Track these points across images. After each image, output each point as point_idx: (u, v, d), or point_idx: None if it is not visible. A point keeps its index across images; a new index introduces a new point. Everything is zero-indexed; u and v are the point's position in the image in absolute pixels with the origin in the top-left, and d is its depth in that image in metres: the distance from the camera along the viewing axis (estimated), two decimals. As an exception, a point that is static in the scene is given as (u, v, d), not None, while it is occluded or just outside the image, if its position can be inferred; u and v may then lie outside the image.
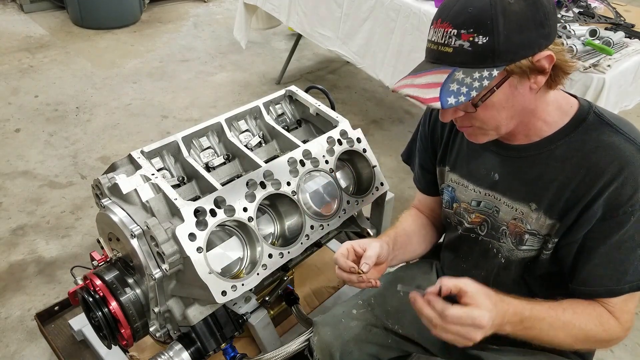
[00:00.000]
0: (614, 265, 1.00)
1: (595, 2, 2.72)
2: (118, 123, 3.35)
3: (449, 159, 1.25)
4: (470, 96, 0.91)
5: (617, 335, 1.03)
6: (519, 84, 0.95)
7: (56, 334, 1.72)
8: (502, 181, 1.12)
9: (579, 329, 1.00)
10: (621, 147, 0.97)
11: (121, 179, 1.24)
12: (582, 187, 1.00)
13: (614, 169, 0.96)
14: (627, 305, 1.03)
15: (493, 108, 0.97)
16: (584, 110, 1.04)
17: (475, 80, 0.91)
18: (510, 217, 1.12)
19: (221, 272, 1.19)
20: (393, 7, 2.66)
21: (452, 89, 0.91)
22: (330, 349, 1.25)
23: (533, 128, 1.05)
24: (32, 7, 4.82)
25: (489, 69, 0.91)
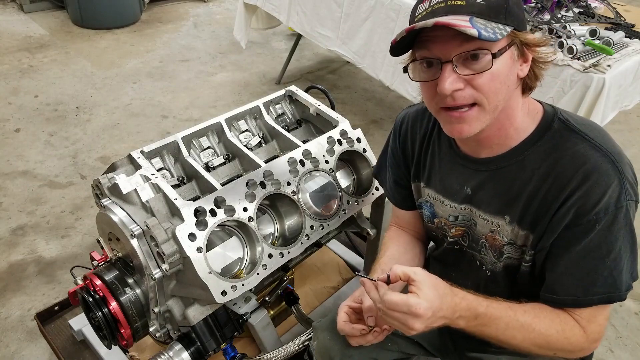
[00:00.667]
0: (580, 275, 0.98)
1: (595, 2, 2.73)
2: (118, 123, 3.35)
3: (423, 175, 1.22)
4: (497, 37, 0.86)
5: (582, 347, 1.01)
6: (515, 61, 0.95)
7: (56, 334, 1.72)
8: (475, 195, 1.10)
9: (539, 334, 0.98)
10: (586, 154, 0.96)
11: (121, 179, 1.24)
12: (549, 197, 0.98)
13: (579, 177, 0.95)
14: (596, 317, 1.00)
15: (498, 78, 0.92)
16: (549, 116, 1.02)
17: (495, 28, 0.88)
18: (488, 230, 1.11)
19: (221, 272, 1.19)
20: (393, 7, 2.66)
21: (480, 25, 0.86)
22: (330, 353, 1.24)
23: (503, 134, 1.02)
24: (32, 7, 4.82)
25: (502, 24, 0.89)
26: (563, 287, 1.00)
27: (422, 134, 1.21)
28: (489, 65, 0.90)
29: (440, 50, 0.91)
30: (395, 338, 1.28)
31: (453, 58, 0.90)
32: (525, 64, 0.95)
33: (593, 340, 1.02)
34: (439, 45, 0.91)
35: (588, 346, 1.02)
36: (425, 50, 0.94)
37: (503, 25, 0.89)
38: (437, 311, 0.92)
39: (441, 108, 0.97)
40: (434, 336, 1.32)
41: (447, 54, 0.91)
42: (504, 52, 0.91)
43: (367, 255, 1.84)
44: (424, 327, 0.92)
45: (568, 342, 0.99)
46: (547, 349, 1.00)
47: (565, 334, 0.99)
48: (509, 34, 0.90)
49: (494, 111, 0.96)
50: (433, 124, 1.19)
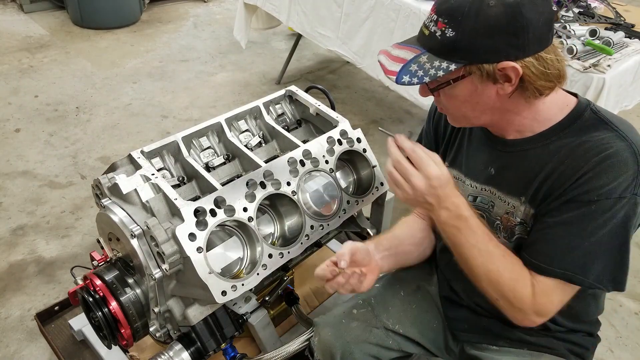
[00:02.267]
0: (555, 247, 1.00)
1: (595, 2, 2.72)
2: (118, 123, 3.35)
3: (449, 155, 1.26)
4: (422, 80, 0.96)
5: (523, 308, 1.02)
6: (481, 85, 0.97)
7: (56, 334, 1.72)
8: (498, 175, 1.13)
9: (496, 270, 1.02)
10: (611, 142, 0.96)
11: (121, 179, 1.24)
12: (562, 177, 1.00)
13: (598, 159, 0.95)
14: (550, 292, 1.01)
15: (455, 99, 1.01)
16: (581, 107, 1.04)
17: (432, 68, 0.95)
18: (503, 212, 1.13)
19: (221, 272, 1.19)
20: (393, 7, 2.66)
21: (411, 69, 0.97)
22: (331, 349, 1.24)
23: (521, 125, 1.05)
24: (32, 7, 4.82)
25: (448, 62, 0.95)
26: (534, 252, 1.03)
27: None
28: (428, 94, 1.04)
29: None
30: (396, 337, 1.29)
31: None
32: (508, 83, 0.96)
33: (537, 312, 1.02)
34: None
35: (532, 314, 1.03)
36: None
37: (448, 62, 0.95)
38: (437, 187, 0.99)
39: None
40: (435, 335, 1.32)
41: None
42: (452, 84, 0.98)
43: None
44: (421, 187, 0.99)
45: (514, 294, 1.02)
46: (495, 287, 1.03)
47: (515, 285, 1.02)
48: (463, 67, 0.95)
49: (464, 118, 1.06)
50: None
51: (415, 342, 1.30)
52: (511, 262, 1.04)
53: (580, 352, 1.21)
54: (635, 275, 2.45)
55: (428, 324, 1.32)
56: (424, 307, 1.33)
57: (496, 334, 1.23)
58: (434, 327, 1.32)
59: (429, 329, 1.32)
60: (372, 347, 1.27)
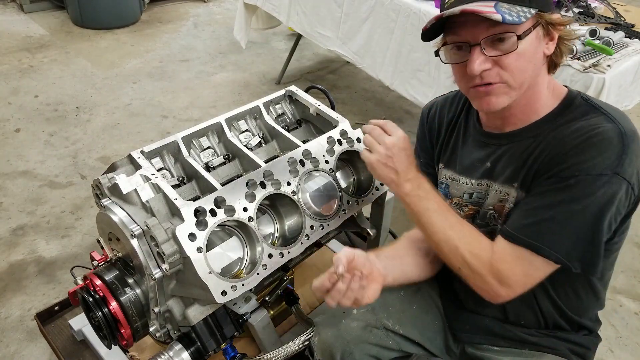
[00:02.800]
0: (524, 214, 1.01)
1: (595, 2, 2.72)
2: (118, 123, 3.35)
3: (444, 156, 1.28)
4: (521, 20, 0.93)
5: (482, 271, 1.03)
6: (541, 40, 1.00)
7: (56, 334, 1.72)
8: (494, 168, 1.15)
9: (455, 236, 1.06)
10: (599, 124, 0.98)
11: (121, 179, 1.24)
12: (548, 157, 1.01)
13: (583, 138, 0.97)
14: (511, 260, 1.01)
15: (524, 57, 0.98)
16: (572, 95, 1.07)
17: (520, 11, 0.94)
18: (496, 200, 1.14)
19: (221, 272, 1.18)
20: (393, 7, 2.66)
21: (504, 10, 0.93)
22: (331, 349, 1.24)
23: (529, 109, 1.08)
24: (32, 7, 4.82)
25: (527, 7, 0.95)
26: (509, 219, 1.07)
27: (450, 118, 1.28)
28: (515, 47, 0.96)
29: (469, 34, 0.99)
30: (396, 337, 1.29)
31: (481, 41, 0.97)
32: (552, 42, 1.01)
33: (498, 278, 1.02)
34: (467, 30, 0.99)
35: (490, 279, 1.03)
36: (455, 35, 1.02)
37: (527, 8, 0.95)
38: (405, 148, 1.12)
39: (471, 87, 1.05)
40: (435, 335, 1.32)
41: (475, 37, 0.98)
42: (529, 33, 0.97)
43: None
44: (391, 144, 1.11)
45: (471, 256, 1.04)
46: (455, 254, 1.07)
47: (473, 247, 1.05)
48: (534, 16, 0.96)
49: (520, 88, 1.02)
50: (461, 109, 1.26)
51: (416, 343, 1.30)
52: (469, 229, 1.08)
53: (582, 352, 1.21)
54: (635, 275, 2.45)
55: (428, 325, 1.32)
56: (424, 307, 1.33)
57: (498, 335, 1.23)
58: (434, 327, 1.32)
59: (430, 330, 1.32)
60: (372, 348, 1.26)
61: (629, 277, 2.44)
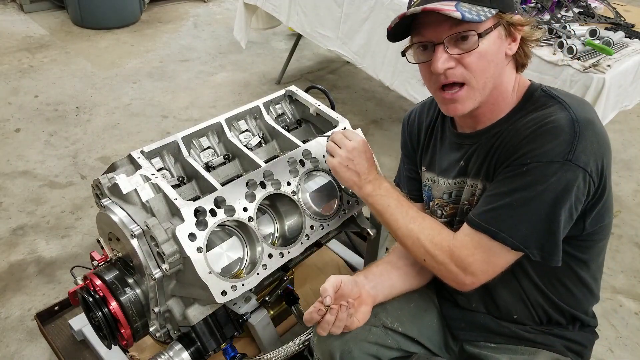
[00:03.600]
0: (484, 203, 1.05)
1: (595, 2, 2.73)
2: (118, 123, 3.35)
3: (425, 160, 1.32)
4: (481, 18, 0.97)
5: (444, 261, 1.07)
6: (503, 40, 1.03)
7: (56, 334, 1.72)
8: (466, 165, 1.18)
9: (416, 228, 1.12)
10: (553, 112, 1.01)
11: (121, 179, 1.24)
12: (509, 147, 1.04)
13: (536, 127, 1.00)
14: (472, 246, 1.04)
15: (485, 57, 1.02)
16: (533, 88, 1.10)
17: (480, 11, 0.98)
18: (469, 195, 1.17)
19: (221, 272, 1.19)
20: (393, 7, 2.66)
21: (464, 9, 0.97)
22: (330, 348, 1.25)
23: (496, 108, 1.10)
24: (32, 7, 4.82)
25: (487, 7, 0.99)
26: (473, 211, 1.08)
27: (428, 123, 1.32)
28: (476, 45, 1.00)
29: (432, 33, 1.03)
30: (395, 336, 1.29)
31: (444, 40, 1.01)
32: (514, 42, 1.04)
33: (460, 266, 1.05)
34: (431, 30, 1.03)
35: (452, 267, 1.06)
36: (420, 35, 1.06)
37: (487, 8, 0.99)
38: (365, 151, 1.22)
39: (438, 89, 1.08)
40: (434, 334, 1.33)
41: (438, 36, 1.02)
42: (490, 32, 1.01)
43: (367, 255, 1.84)
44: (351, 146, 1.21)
45: (432, 245, 1.09)
46: (417, 245, 1.11)
47: (434, 237, 1.09)
48: (494, 16, 1.00)
49: (483, 89, 1.05)
50: (437, 113, 1.30)
51: (415, 341, 1.30)
52: (430, 221, 1.13)
53: (578, 349, 1.21)
54: (635, 275, 2.45)
55: (427, 323, 1.32)
56: (422, 306, 1.34)
57: (493, 331, 1.24)
58: (432, 325, 1.33)
59: (428, 328, 1.32)
60: (372, 346, 1.27)
61: (629, 277, 2.44)
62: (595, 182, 1.00)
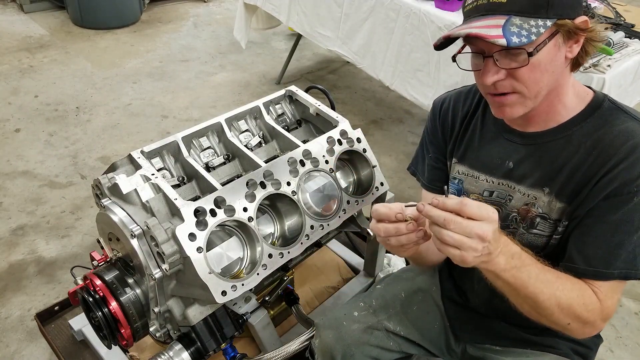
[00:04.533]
0: (607, 248, 0.98)
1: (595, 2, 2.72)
2: (118, 123, 3.35)
3: (457, 151, 1.24)
4: (531, 39, 0.90)
5: (595, 319, 0.99)
6: (562, 46, 0.96)
7: (56, 334, 1.72)
8: (517, 169, 1.12)
9: (562, 292, 0.96)
10: (635, 130, 0.98)
11: (121, 179, 1.24)
12: (593, 168, 1.00)
13: (626, 149, 0.96)
14: (614, 292, 1.01)
15: (538, 68, 0.96)
16: (600, 97, 1.05)
17: (533, 27, 0.91)
18: (522, 204, 1.11)
19: (221, 272, 1.18)
20: (393, 7, 2.66)
21: (513, 30, 0.91)
22: (332, 351, 1.24)
23: (552, 111, 1.05)
24: (32, 7, 4.82)
25: (543, 19, 0.92)
26: (586, 258, 1.00)
27: (465, 112, 1.24)
28: (526, 62, 0.94)
29: (483, 45, 0.97)
30: (396, 338, 1.29)
31: (493, 53, 0.96)
32: (576, 44, 0.97)
33: (606, 316, 1.02)
34: (482, 42, 0.97)
35: (600, 321, 1.02)
36: (471, 44, 1.01)
37: (543, 20, 0.92)
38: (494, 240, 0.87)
39: (487, 93, 1.04)
40: (436, 336, 1.32)
41: (488, 49, 0.97)
42: (544, 46, 0.94)
43: (367, 255, 1.84)
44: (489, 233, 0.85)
45: (586, 309, 0.98)
46: (567, 312, 0.97)
47: (585, 301, 0.98)
48: (553, 25, 0.92)
49: (535, 97, 1.00)
50: (477, 103, 1.23)
51: (416, 344, 1.30)
52: (570, 281, 0.99)
53: (584, 352, 1.21)
54: (635, 275, 2.45)
55: (429, 325, 1.32)
56: (424, 308, 1.33)
57: (500, 334, 1.23)
58: (435, 328, 1.32)
59: (430, 330, 1.32)
60: (373, 349, 1.26)
61: (629, 277, 2.43)
62: None
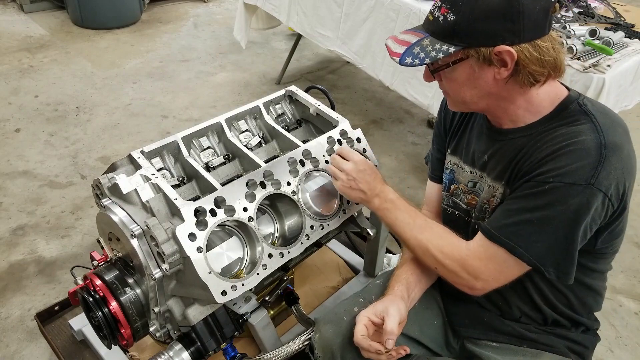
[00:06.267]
0: (504, 216, 1.05)
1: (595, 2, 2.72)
2: (118, 123, 3.35)
3: (452, 143, 1.31)
4: (423, 62, 1.02)
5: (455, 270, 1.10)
6: (479, 69, 1.01)
7: (56, 334, 1.72)
8: (489, 162, 1.18)
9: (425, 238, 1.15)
10: (582, 132, 0.99)
11: (121, 179, 1.24)
12: (529, 158, 1.04)
13: (562, 145, 0.99)
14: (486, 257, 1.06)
15: (455, 82, 1.06)
16: (570, 100, 1.07)
17: (433, 51, 1.01)
18: (490, 195, 1.17)
19: (221, 272, 1.19)
20: (393, 7, 2.66)
21: (414, 51, 1.03)
22: (332, 347, 1.25)
23: (515, 115, 1.09)
24: (32, 7, 4.82)
25: (448, 45, 1.00)
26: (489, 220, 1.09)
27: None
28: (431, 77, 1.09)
29: None
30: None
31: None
32: (504, 68, 0.99)
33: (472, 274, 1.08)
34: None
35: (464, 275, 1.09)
36: None
37: (449, 45, 1.00)
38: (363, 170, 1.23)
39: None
40: (435, 331, 1.33)
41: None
42: (456, 65, 1.02)
43: (367, 255, 1.84)
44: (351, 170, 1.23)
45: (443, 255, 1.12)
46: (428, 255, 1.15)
47: (444, 248, 1.12)
48: (462, 50, 0.99)
49: (464, 103, 1.10)
50: None
51: (415, 340, 1.30)
52: (439, 230, 1.17)
53: (581, 350, 1.21)
54: (635, 275, 2.45)
55: (428, 321, 1.33)
56: (424, 304, 1.34)
57: (497, 329, 1.24)
58: (434, 323, 1.33)
59: (430, 326, 1.32)
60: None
61: (629, 277, 2.44)
62: (614, 205, 1.00)
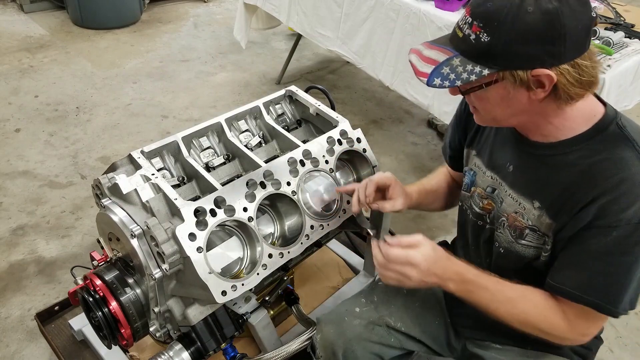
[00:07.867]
0: (583, 273, 0.99)
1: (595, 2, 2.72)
2: (118, 123, 3.35)
3: (477, 144, 1.26)
4: (454, 84, 0.95)
5: (563, 335, 1.05)
6: (513, 91, 0.95)
7: (56, 334, 1.72)
8: (514, 173, 1.13)
9: (521, 312, 1.05)
10: (630, 163, 0.95)
11: (121, 179, 1.24)
12: (580, 192, 0.99)
13: (614, 181, 0.94)
14: (587, 318, 1.02)
15: (487, 101, 1.00)
16: (607, 120, 1.01)
17: (465, 72, 0.94)
18: (512, 210, 1.12)
19: (221, 272, 1.19)
20: (393, 7, 2.66)
21: (442, 71, 0.96)
22: (333, 346, 1.25)
23: (546, 129, 1.04)
24: (32, 7, 4.81)
25: (481, 67, 0.93)
26: (563, 277, 1.02)
27: None
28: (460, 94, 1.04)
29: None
30: (398, 335, 1.29)
31: None
32: (541, 89, 0.94)
33: (579, 334, 1.04)
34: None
35: (572, 337, 1.05)
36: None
37: (482, 67, 0.93)
38: (432, 265, 1.04)
39: None
40: (437, 332, 1.33)
41: None
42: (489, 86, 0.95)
43: (367, 255, 1.84)
44: (419, 278, 1.04)
45: (547, 326, 1.04)
46: (527, 327, 1.06)
47: (546, 319, 1.04)
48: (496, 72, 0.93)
49: (494, 120, 1.05)
50: None
51: (417, 340, 1.30)
52: (532, 299, 1.05)
53: (584, 352, 1.21)
54: (635, 275, 2.45)
55: (430, 322, 1.33)
56: (426, 304, 1.34)
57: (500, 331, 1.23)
58: (436, 324, 1.33)
59: (432, 327, 1.32)
60: (374, 345, 1.27)
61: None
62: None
